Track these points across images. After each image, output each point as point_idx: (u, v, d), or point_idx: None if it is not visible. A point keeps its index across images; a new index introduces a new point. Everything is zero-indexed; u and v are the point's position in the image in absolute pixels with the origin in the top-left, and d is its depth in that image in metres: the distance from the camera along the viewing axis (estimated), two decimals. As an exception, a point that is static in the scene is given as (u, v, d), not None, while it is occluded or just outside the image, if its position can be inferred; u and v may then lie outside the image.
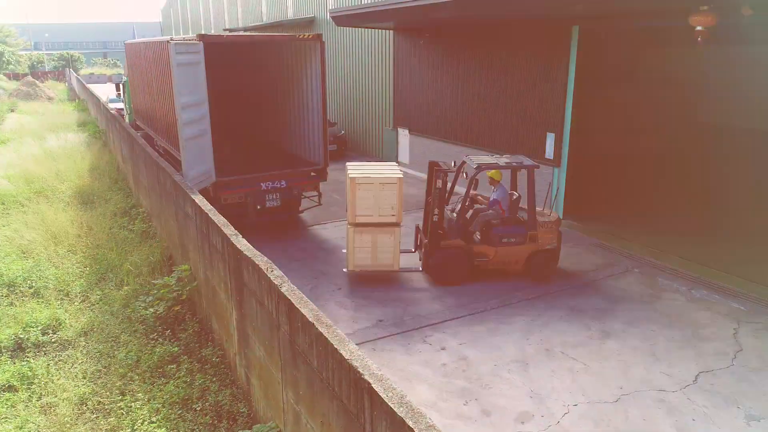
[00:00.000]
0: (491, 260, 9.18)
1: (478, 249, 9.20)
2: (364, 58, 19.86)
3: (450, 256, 9.12)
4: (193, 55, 9.61)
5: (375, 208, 9.04)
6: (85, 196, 14.88)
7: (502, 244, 9.11)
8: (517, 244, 9.14)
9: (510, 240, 9.12)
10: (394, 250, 9.27)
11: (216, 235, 6.73)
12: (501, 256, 9.17)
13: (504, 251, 9.15)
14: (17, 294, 9.15)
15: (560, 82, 12.21)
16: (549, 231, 9.22)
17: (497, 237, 9.10)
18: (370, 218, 9.08)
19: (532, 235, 9.13)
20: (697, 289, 9.06)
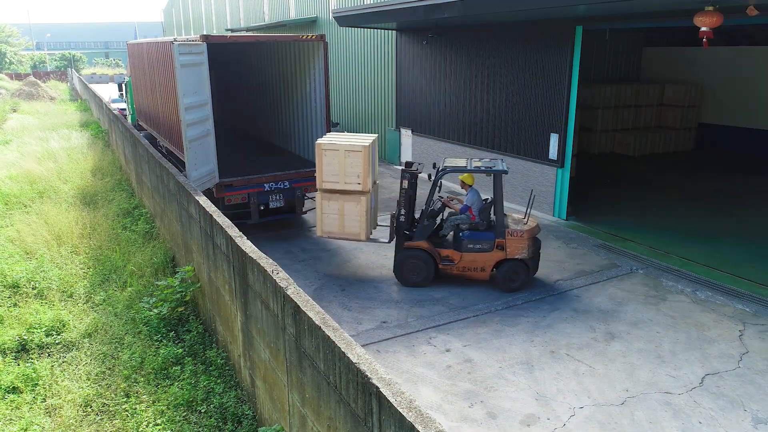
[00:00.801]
0: (456, 265, 9.06)
1: (445, 253, 9.10)
2: (366, 58, 19.86)
3: (413, 257, 9.09)
4: (197, 56, 9.60)
5: (341, 175, 9.14)
6: (87, 196, 14.88)
7: (467, 250, 8.96)
8: (483, 250, 8.93)
9: (476, 246, 8.93)
10: (360, 219, 9.29)
11: (220, 237, 6.72)
12: (466, 262, 9.00)
13: (469, 257, 8.96)
14: (21, 295, 9.14)
15: (564, 82, 12.18)
16: (519, 240, 8.80)
17: (463, 242, 8.99)
18: (336, 185, 9.20)
19: (500, 243, 8.86)
20: (701, 291, 9.03)
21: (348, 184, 9.15)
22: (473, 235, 8.98)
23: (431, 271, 9.10)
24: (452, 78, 15.60)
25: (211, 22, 39.22)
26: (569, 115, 12.30)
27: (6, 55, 73.62)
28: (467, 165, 9.23)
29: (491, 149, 14.50)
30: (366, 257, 10.65)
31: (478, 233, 9.00)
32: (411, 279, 9.19)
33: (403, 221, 9.15)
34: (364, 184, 9.10)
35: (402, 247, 9.18)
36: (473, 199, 9.19)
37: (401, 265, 9.18)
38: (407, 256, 9.11)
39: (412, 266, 9.14)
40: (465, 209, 9.20)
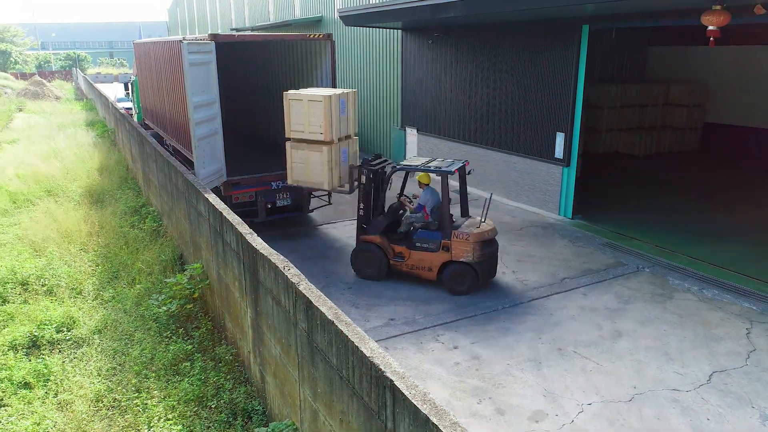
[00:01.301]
0: (406, 262, 9.19)
1: (398, 249, 9.25)
2: (372, 56, 19.89)
3: (366, 251, 9.37)
4: (205, 55, 9.66)
5: (306, 124, 9.50)
6: (95, 194, 14.96)
7: (416, 248, 9.07)
8: (429, 250, 8.98)
9: (423, 245, 9.01)
10: (323, 168, 9.60)
11: (230, 234, 6.77)
12: (414, 260, 9.10)
13: (418, 255, 9.06)
14: (31, 292, 9.21)
15: (569, 81, 12.20)
16: (465, 243, 8.70)
17: (414, 240, 9.10)
18: (302, 134, 9.66)
19: (446, 244, 8.83)
20: (708, 289, 9.04)
21: (312, 134, 9.56)
22: (422, 234, 9.07)
23: (384, 265, 9.32)
24: (457, 77, 15.63)
25: (216, 22, 39.33)
26: (575, 114, 12.31)
27: (11, 55, 73.99)
28: (421, 164, 9.23)
29: (496, 148, 14.53)
30: (373, 255, 10.68)
31: (427, 232, 9.05)
32: (364, 271, 9.50)
33: (362, 215, 9.42)
34: (326, 133, 9.39)
35: (359, 240, 9.51)
36: (426, 198, 9.28)
37: (356, 257, 9.56)
38: (361, 249, 9.47)
39: (366, 259, 9.44)
40: (419, 208, 9.30)
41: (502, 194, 14.52)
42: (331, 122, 9.34)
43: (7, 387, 6.66)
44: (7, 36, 76.84)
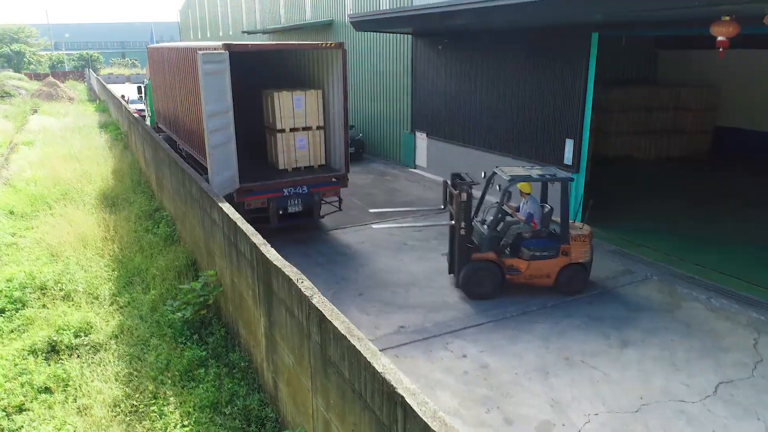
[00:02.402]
0: (523, 274, 9.09)
1: (510, 262, 9.10)
2: (382, 61, 20.01)
3: (482, 270, 9.04)
4: (219, 64, 9.84)
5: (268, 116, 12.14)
6: (109, 198, 15.22)
7: (534, 258, 9.00)
8: (549, 257, 9.01)
9: (542, 254, 9.00)
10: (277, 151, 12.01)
11: (244, 244, 6.93)
12: (532, 270, 9.04)
13: (536, 265, 9.02)
14: (49, 296, 9.44)
15: (579, 88, 12.26)
16: (582, 244, 9.07)
17: (529, 250, 9.04)
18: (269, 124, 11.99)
19: (565, 249, 9.03)
20: (716, 298, 9.09)
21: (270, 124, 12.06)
22: (540, 243, 9.02)
23: (499, 281, 9.06)
24: (467, 82, 15.71)
25: (227, 24, 39.61)
26: (585, 121, 12.37)
27: (25, 56, 74.85)
28: (529, 174, 9.18)
29: (506, 154, 14.60)
30: (383, 261, 10.84)
31: (543, 241, 9.05)
32: (478, 291, 9.09)
33: (464, 234, 8.94)
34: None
35: (469, 260, 9.04)
36: (535, 207, 9.31)
37: (470, 278, 9.03)
38: (476, 269, 9.00)
39: (480, 278, 9.03)
40: (530, 218, 9.28)
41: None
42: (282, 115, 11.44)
43: (28, 391, 6.88)
44: (21, 37, 77.73)
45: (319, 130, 11.92)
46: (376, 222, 13.20)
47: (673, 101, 20.76)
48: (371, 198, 15.22)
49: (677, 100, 20.76)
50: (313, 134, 11.88)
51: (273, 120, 11.62)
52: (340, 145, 12.01)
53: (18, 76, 58.18)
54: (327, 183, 11.85)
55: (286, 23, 28.10)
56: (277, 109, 11.42)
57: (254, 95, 13.23)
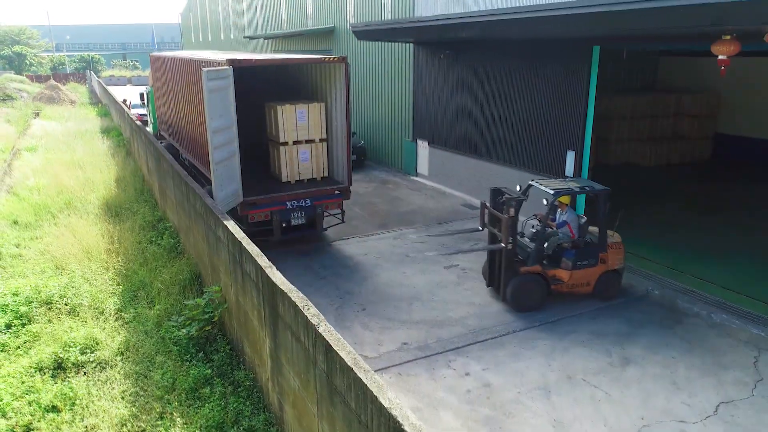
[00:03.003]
0: (566, 283, 9.35)
1: (553, 273, 9.35)
2: (384, 67, 20.06)
3: (529, 282, 9.22)
4: (223, 80, 9.90)
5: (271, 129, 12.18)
6: (112, 207, 15.29)
7: (576, 267, 9.29)
8: (589, 266, 9.35)
9: (583, 262, 9.31)
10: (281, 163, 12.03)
11: (250, 264, 7.00)
12: (575, 279, 9.34)
13: (578, 274, 9.33)
14: (54, 311, 9.52)
15: (580, 101, 12.31)
16: (617, 252, 9.51)
17: (572, 260, 9.28)
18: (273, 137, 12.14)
19: (603, 257, 9.41)
20: (716, 313, 9.16)
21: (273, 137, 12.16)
22: (581, 252, 9.33)
23: (545, 292, 9.31)
24: (469, 91, 15.78)
25: (229, 27, 39.67)
26: (586, 133, 12.44)
27: (26, 57, 74.94)
28: (569, 187, 9.40)
29: (508, 164, 14.67)
30: (386, 274, 10.90)
31: (584, 250, 9.37)
32: (526, 304, 9.26)
33: (511, 248, 9.12)
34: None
35: (516, 274, 9.21)
36: (573, 218, 9.55)
37: (518, 292, 9.19)
38: (524, 282, 9.18)
39: (528, 291, 9.23)
40: (563, 226, 9.52)
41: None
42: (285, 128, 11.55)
43: (35, 411, 6.95)
44: (22, 38, 77.84)
45: (322, 143, 12.00)
46: (378, 232, 13.29)
47: (673, 108, 20.84)
48: (373, 207, 15.29)
49: (678, 107, 20.84)
50: (316, 147, 11.96)
51: (276, 133, 11.70)
52: (342, 158, 12.08)
53: (20, 79, 58.27)
54: (330, 195, 11.92)
55: (288, 29, 28.18)
56: (280, 122, 11.50)
57: (257, 106, 13.30)
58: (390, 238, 12.96)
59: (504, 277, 9.25)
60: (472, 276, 10.77)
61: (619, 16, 9.19)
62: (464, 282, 10.51)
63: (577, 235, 9.45)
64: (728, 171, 18.71)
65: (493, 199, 9.56)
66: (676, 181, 17.70)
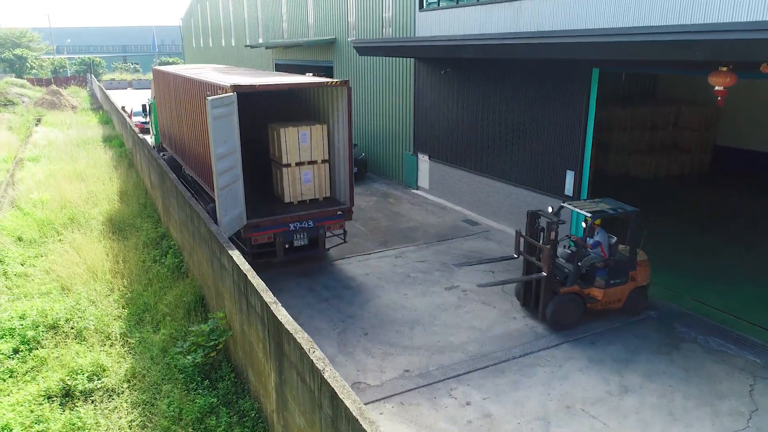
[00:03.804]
0: (600, 301, 9.72)
1: (588, 291, 9.74)
2: (385, 80, 20.18)
3: (569, 302, 9.58)
4: (228, 107, 10.04)
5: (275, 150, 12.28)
6: (116, 223, 15.41)
7: (609, 285, 9.66)
8: (621, 283, 9.76)
9: (616, 280, 9.70)
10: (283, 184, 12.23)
11: (255, 298, 7.12)
12: (608, 297, 9.72)
13: (611, 291, 9.72)
14: (61, 335, 9.66)
15: (580, 122, 12.45)
16: (645, 269, 9.98)
17: (605, 278, 9.64)
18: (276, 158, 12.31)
19: (633, 274, 9.82)
20: (713, 339, 9.30)
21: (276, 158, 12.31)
22: (613, 271, 9.69)
23: (582, 311, 9.70)
24: (469, 107, 15.91)
25: (230, 34, 39.78)
26: (585, 154, 12.57)
27: (27, 60, 75.06)
28: (602, 210, 9.68)
29: (508, 181, 14.81)
30: (388, 296, 11.04)
31: (615, 268, 9.74)
32: (564, 323, 9.60)
33: (552, 270, 9.48)
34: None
35: (555, 294, 9.57)
36: (604, 238, 9.86)
37: (558, 312, 9.53)
38: (563, 302, 9.55)
39: (566, 310, 9.59)
40: (596, 245, 9.81)
41: (513, 226, 14.76)
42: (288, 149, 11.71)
43: (45, 441, 7.08)
44: (23, 41, 77.96)
45: (324, 164, 12.14)
46: (380, 250, 13.43)
47: (673, 120, 20.99)
48: (375, 224, 15.43)
49: (677, 119, 20.98)
50: (318, 168, 12.10)
51: (279, 154, 11.84)
52: (344, 178, 12.21)
53: (20, 82, 58.44)
54: (332, 216, 12.06)
55: (289, 37, 28.31)
56: (283, 144, 11.64)
57: (260, 124, 13.45)
58: (391, 256, 13.10)
59: (543, 299, 9.60)
60: (472, 298, 10.91)
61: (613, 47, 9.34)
62: (465, 304, 10.65)
63: (608, 255, 9.80)
64: (727, 183, 18.83)
65: (530, 225, 9.91)
66: (675, 194, 17.80)
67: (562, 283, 9.62)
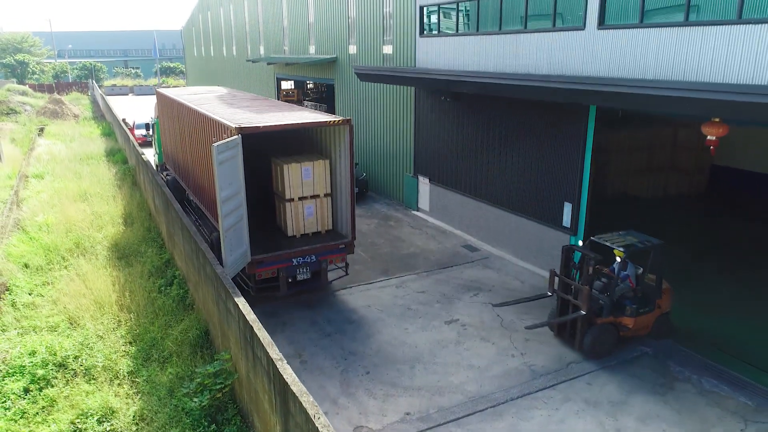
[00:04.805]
0: (631, 329, 10.23)
1: (620, 320, 10.28)
2: (386, 100, 20.38)
3: (605, 332, 10.16)
4: (233, 150, 10.28)
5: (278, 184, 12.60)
6: (121, 248, 15.65)
7: (639, 314, 10.20)
8: (649, 311, 10.36)
9: (646, 309, 10.30)
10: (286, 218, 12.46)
11: (261, 351, 7.35)
12: (638, 324, 10.26)
13: (641, 320, 10.28)
14: (69, 371, 9.89)
15: (577, 155, 12.68)
16: (669, 296, 10.65)
17: (634, 308, 10.15)
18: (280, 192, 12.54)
19: (659, 302, 10.45)
20: (707, 379, 9.53)
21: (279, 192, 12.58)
22: (641, 300, 10.29)
23: (617, 340, 10.31)
24: (470, 135, 16.13)
25: (231, 45, 40.01)
26: (582, 188, 12.80)
27: (29, 66, 75.26)
28: (631, 243, 10.22)
29: (507, 209, 15.03)
30: (389, 331, 11.27)
31: (644, 297, 10.34)
32: (600, 353, 10.19)
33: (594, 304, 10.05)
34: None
35: (592, 325, 10.13)
36: (632, 270, 10.35)
37: (596, 341, 10.13)
38: (600, 332, 10.14)
39: (602, 341, 10.16)
40: (626, 277, 10.32)
41: (511, 253, 15.05)
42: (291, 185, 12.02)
43: (58, 491, 7.32)
44: (24, 46, 78.17)
45: (327, 197, 12.38)
46: (381, 279, 13.67)
47: (670, 140, 21.20)
48: (376, 250, 15.66)
49: (675, 139, 21.20)
50: (320, 201, 12.34)
51: (282, 189, 12.07)
52: (346, 211, 12.44)
53: (22, 89, 58.56)
54: (335, 250, 12.28)
55: (291, 50, 28.55)
56: (286, 180, 11.88)
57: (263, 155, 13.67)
58: (392, 286, 13.34)
59: (581, 330, 10.13)
60: (471, 333, 11.15)
61: (610, 96, 9.58)
62: (464, 340, 10.88)
63: (636, 284, 10.34)
64: (723, 205, 19.05)
65: (565, 262, 10.40)
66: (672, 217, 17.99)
67: (598, 314, 10.17)
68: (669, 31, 10.28)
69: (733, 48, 9.27)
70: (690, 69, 10.05)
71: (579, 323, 10.16)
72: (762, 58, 8.79)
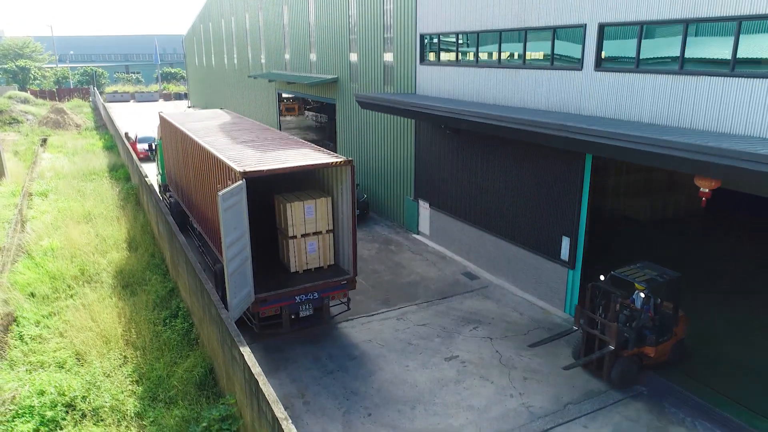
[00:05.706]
0: (653, 358, 10.75)
1: (641, 350, 10.78)
2: (388, 122, 20.60)
3: (631, 363, 10.67)
4: (237, 196, 10.50)
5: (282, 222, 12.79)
6: (125, 276, 15.87)
7: (659, 343, 10.74)
8: (668, 340, 10.93)
9: (665, 337, 10.87)
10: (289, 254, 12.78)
11: (266, 405, 7.58)
12: (658, 353, 10.81)
13: (660, 348, 10.83)
14: (78, 412, 10.11)
15: (575, 191, 12.88)
16: (684, 324, 11.26)
17: (654, 338, 10.66)
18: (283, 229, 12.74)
19: (676, 330, 11.06)
20: (700, 422, 9.75)
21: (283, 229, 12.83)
22: (660, 329, 10.85)
23: (641, 369, 10.85)
24: (469, 164, 16.35)
25: (233, 57, 40.23)
26: (580, 222, 13.02)
27: (30, 71, 75.48)
28: (651, 277, 10.72)
29: (506, 239, 15.25)
30: (390, 368, 11.49)
31: (662, 327, 10.88)
32: (628, 382, 10.71)
33: (615, 335, 10.41)
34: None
35: (619, 357, 10.58)
36: (651, 301, 10.80)
37: (623, 372, 10.62)
38: (627, 363, 10.64)
39: (629, 371, 10.66)
40: (647, 309, 10.80)
41: (510, 282, 15.28)
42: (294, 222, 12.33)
43: None
44: (26, 52, 78.38)
45: (329, 233, 12.61)
46: (381, 311, 13.89)
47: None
48: (377, 278, 15.89)
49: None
50: (323, 237, 12.57)
51: (285, 226, 12.31)
52: (348, 247, 12.67)
53: (24, 96, 58.81)
54: (337, 287, 12.51)
55: (292, 70, 28.78)
56: (289, 217, 12.12)
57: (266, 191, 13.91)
58: (393, 318, 13.57)
59: (608, 362, 10.60)
60: (471, 370, 11.38)
61: (606, 147, 9.81)
62: (464, 379, 11.11)
63: (654, 314, 10.82)
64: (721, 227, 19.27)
65: (591, 299, 10.80)
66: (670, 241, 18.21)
67: (623, 347, 10.54)
68: (664, 78, 10.54)
69: (726, 99, 9.53)
70: (685, 116, 10.31)
71: (606, 357, 10.60)
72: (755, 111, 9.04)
